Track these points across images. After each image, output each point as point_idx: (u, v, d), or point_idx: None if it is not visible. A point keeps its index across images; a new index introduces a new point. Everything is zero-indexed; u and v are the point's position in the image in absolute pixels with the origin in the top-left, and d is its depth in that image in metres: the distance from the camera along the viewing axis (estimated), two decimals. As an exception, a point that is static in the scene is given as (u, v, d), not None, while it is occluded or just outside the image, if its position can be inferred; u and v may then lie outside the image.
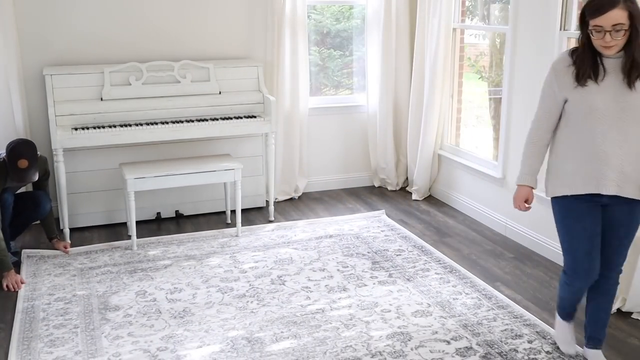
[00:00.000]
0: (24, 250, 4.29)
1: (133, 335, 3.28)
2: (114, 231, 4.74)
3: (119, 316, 3.47)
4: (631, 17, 2.57)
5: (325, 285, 3.84)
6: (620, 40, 2.60)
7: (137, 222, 4.55)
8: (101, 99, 4.54)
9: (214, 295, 3.70)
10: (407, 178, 5.79)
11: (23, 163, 3.81)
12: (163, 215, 4.94)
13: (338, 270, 4.06)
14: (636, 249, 3.48)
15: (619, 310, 3.53)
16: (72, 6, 4.74)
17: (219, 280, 3.90)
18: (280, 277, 3.96)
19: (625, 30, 2.58)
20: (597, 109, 2.68)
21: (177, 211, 4.96)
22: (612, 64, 2.68)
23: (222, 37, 5.14)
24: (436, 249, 4.40)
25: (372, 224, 4.85)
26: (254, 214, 5.10)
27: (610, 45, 2.61)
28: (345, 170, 5.80)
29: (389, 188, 5.75)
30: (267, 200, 5.16)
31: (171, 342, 3.21)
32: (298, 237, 4.61)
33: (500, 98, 4.72)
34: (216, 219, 4.98)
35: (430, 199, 5.53)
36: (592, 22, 2.60)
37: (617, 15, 2.55)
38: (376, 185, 5.82)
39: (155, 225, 4.85)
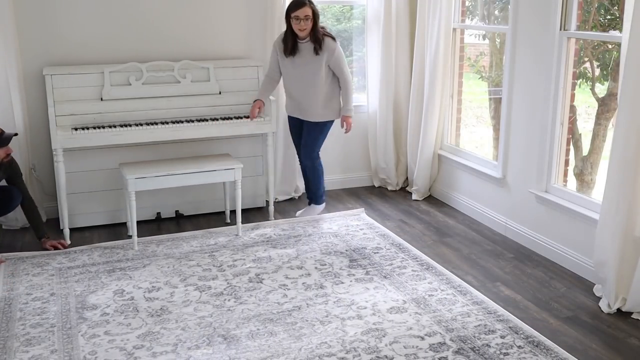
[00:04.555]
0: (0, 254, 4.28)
1: (110, 334, 3.28)
2: (114, 231, 4.74)
3: (96, 315, 3.47)
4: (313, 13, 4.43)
5: (303, 283, 3.85)
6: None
7: (137, 222, 4.54)
8: (101, 99, 4.55)
9: (192, 294, 3.72)
10: (407, 178, 5.79)
11: None
12: (163, 216, 4.94)
13: (316, 268, 4.06)
14: (636, 249, 3.49)
15: (619, 310, 3.53)
16: (72, 6, 4.74)
17: (197, 279, 3.91)
18: (258, 275, 3.96)
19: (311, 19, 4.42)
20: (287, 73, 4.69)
21: (177, 211, 4.97)
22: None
23: (222, 37, 5.14)
24: (436, 249, 4.41)
25: (351, 222, 4.85)
26: (254, 214, 5.10)
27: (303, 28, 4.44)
28: (345, 170, 5.80)
29: (389, 188, 5.75)
30: (267, 200, 5.16)
31: (147, 340, 3.22)
32: (277, 235, 4.61)
33: (500, 98, 4.72)
34: (216, 219, 4.98)
35: (430, 199, 5.53)
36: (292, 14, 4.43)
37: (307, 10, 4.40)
38: (376, 185, 5.82)
39: (155, 225, 4.85)
